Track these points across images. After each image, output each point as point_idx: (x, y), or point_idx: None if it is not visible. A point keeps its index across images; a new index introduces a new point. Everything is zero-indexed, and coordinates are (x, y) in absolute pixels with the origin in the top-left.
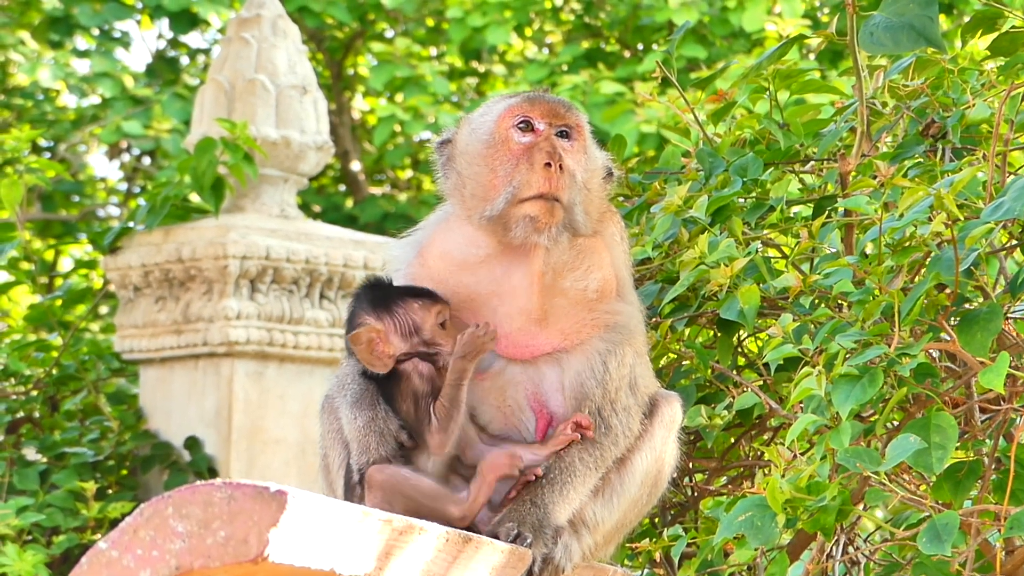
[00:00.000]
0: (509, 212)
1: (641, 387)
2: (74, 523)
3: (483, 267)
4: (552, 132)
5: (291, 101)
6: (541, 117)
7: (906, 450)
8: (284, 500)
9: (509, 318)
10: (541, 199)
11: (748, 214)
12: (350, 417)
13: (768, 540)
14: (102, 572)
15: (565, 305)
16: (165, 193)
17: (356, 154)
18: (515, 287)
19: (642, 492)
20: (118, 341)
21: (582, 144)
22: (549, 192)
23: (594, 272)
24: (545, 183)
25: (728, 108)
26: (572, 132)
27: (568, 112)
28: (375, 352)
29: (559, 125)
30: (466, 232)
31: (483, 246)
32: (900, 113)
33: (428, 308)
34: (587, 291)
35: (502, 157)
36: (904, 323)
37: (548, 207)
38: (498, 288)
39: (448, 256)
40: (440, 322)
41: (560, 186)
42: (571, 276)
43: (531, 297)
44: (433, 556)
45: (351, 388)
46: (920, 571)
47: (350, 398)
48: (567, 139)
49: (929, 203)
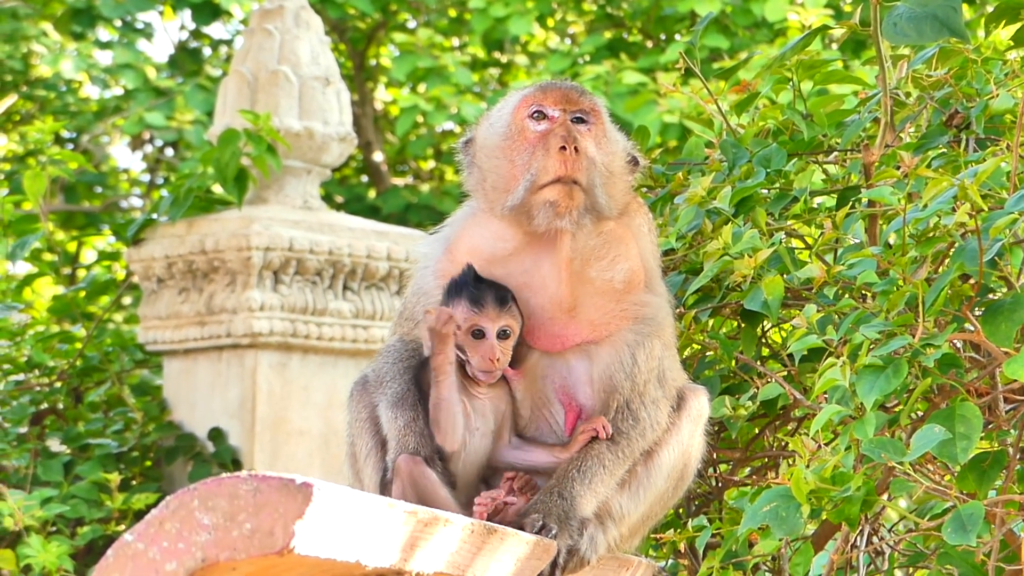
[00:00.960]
0: (530, 200)
1: (669, 380)
2: (98, 514)
3: (512, 260)
4: (567, 118)
5: (314, 92)
6: (554, 104)
7: (931, 440)
8: (310, 492)
9: (541, 309)
10: (559, 183)
11: (772, 205)
12: (390, 416)
13: (793, 530)
14: (128, 564)
15: (593, 294)
16: (188, 184)
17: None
18: (545, 277)
19: (668, 485)
20: (142, 332)
21: (600, 128)
22: (566, 175)
23: (620, 263)
24: (561, 166)
25: (751, 99)
26: (588, 116)
27: (581, 97)
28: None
29: (573, 111)
30: (492, 226)
31: (510, 239)
32: (924, 103)
33: (467, 317)
34: (614, 281)
35: (519, 147)
36: (928, 313)
37: (567, 190)
38: (529, 280)
39: (477, 251)
40: (468, 329)
41: (577, 168)
42: (597, 265)
43: (560, 286)
44: (458, 547)
45: (392, 388)
46: (945, 561)
47: (391, 397)
48: (583, 124)
49: (953, 193)
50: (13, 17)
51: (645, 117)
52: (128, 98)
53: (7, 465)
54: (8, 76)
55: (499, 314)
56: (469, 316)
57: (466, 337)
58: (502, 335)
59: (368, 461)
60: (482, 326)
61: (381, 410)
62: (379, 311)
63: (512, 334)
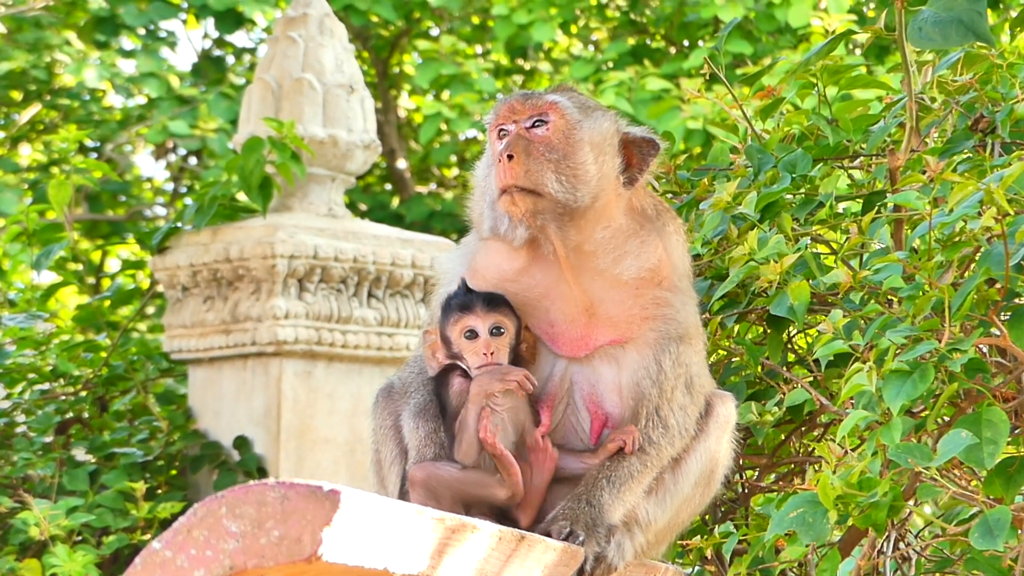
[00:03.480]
0: (495, 218)
1: (697, 386)
2: (124, 523)
3: (523, 276)
4: (521, 127)
5: (338, 100)
6: (506, 120)
7: (957, 445)
8: (337, 499)
9: (562, 314)
10: (504, 194)
11: (797, 210)
12: (412, 426)
13: (819, 536)
14: (156, 572)
15: (604, 288)
16: (213, 193)
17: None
18: (554, 282)
19: (695, 492)
20: (166, 341)
21: (559, 122)
22: (505, 184)
23: (630, 258)
24: (498, 179)
25: (776, 104)
26: (544, 116)
27: (527, 102)
28: (434, 355)
29: (526, 118)
30: (497, 249)
31: (514, 257)
32: (949, 108)
33: (456, 322)
34: (622, 275)
35: (489, 171)
36: (955, 318)
37: (510, 199)
38: (543, 290)
39: (492, 268)
40: (465, 333)
41: (513, 175)
42: (605, 258)
43: (569, 287)
44: (486, 554)
45: (415, 398)
46: (972, 567)
47: (414, 407)
48: (542, 126)
49: (979, 198)
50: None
51: (669, 123)
52: (151, 107)
53: (33, 475)
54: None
55: (488, 312)
56: (459, 320)
57: (461, 340)
58: (495, 332)
59: (392, 468)
60: (472, 326)
61: (404, 419)
62: (404, 318)
63: (506, 332)
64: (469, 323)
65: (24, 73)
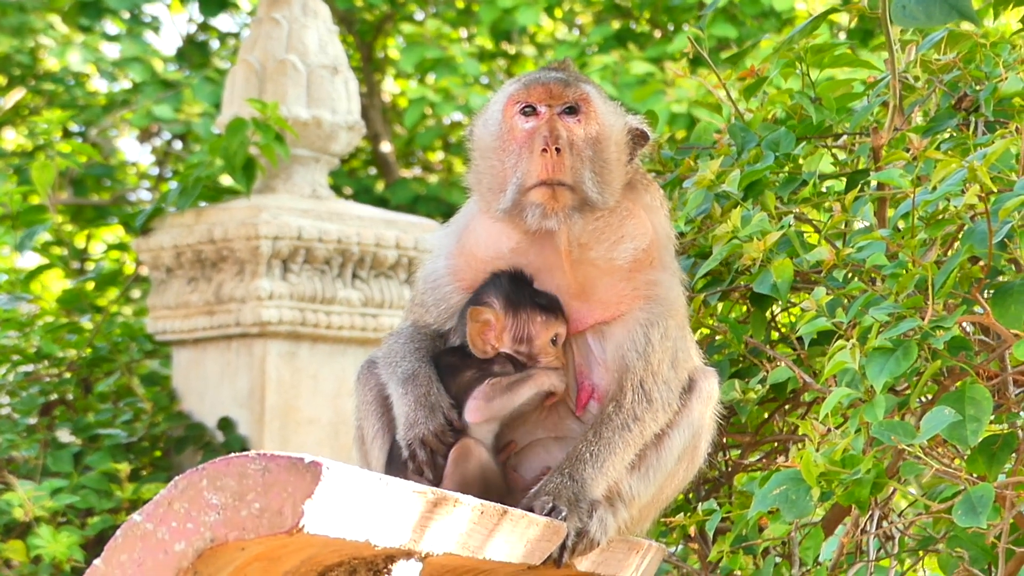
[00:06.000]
0: (519, 201)
1: (682, 360)
2: (108, 505)
3: (516, 255)
4: (554, 113)
5: (322, 81)
6: (540, 100)
7: (940, 423)
8: (319, 471)
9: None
10: (544, 186)
11: (781, 188)
12: (400, 392)
13: (802, 514)
14: (137, 545)
15: (599, 276)
16: (197, 174)
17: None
18: (549, 267)
19: (679, 467)
20: (151, 323)
21: (591, 115)
22: (550, 178)
23: (626, 242)
24: (543, 169)
25: (760, 83)
26: (578, 107)
27: (567, 89)
28: (483, 336)
29: (560, 104)
30: (493, 224)
31: (511, 235)
32: (932, 87)
33: (549, 326)
34: (617, 260)
35: (509, 147)
36: (938, 296)
37: (551, 192)
38: (534, 271)
39: (484, 246)
40: (552, 339)
41: (559, 169)
42: (599, 248)
43: (565, 274)
44: (469, 528)
45: (403, 366)
46: (955, 544)
47: (401, 374)
48: (574, 115)
49: (962, 176)
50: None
51: (653, 107)
52: (136, 91)
53: (17, 456)
54: (16, 70)
55: (565, 320)
56: (552, 325)
57: (547, 345)
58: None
59: (375, 443)
60: (560, 333)
61: (391, 387)
62: (388, 299)
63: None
64: (559, 330)
65: (8, 58)
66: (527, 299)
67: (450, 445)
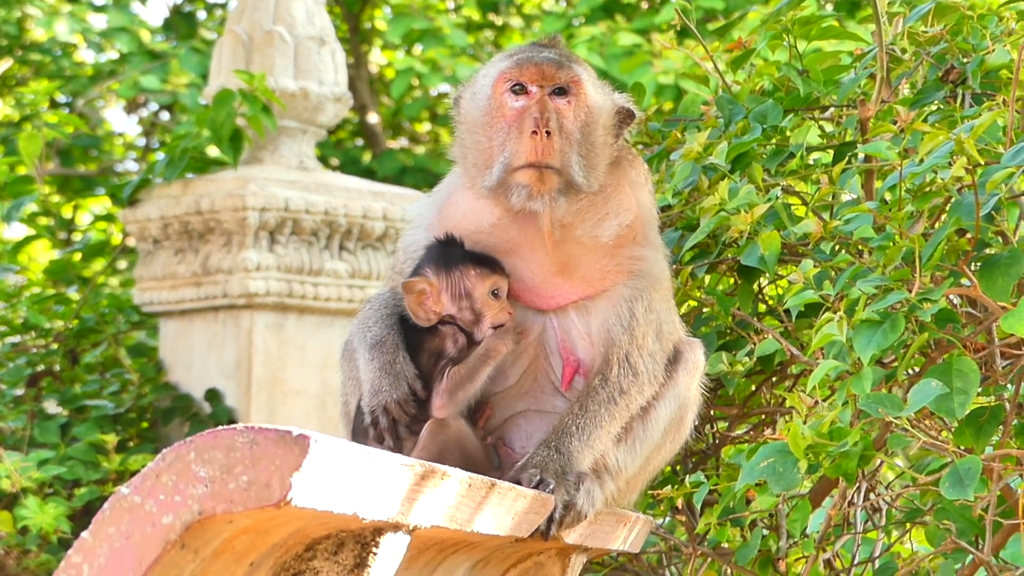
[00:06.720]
0: (505, 180)
1: (666, 333)
2: (95, 476)
3: (498, 229)
4: (544, 93)
5: (309, 52)
6: (532, 80)
7: (928, 395)
8: (307, 444)
9: (531, 272)
10: (531, 168)
11: (768, 161)
12: (367, 358)
13: (790, 486)
14: (124, 517)
15: (583, 253)
16: (184, 145)
17: (374, 108)
18: (531, 243)
19: (665, 438)
20: (137, 294)
21: (582, 99)
22: (538, 161)
23: (611, 219)
24: (532, 152)
25: (747, 55)
26: (569, 88)
27: (559, 71)
28: (423, 305)
29: (552, 85)
30: (475, 199)
31: (492, 211)
32: (919, 59)
33: (484, 277)
34: (601, 238)
35: (497, 125)
36: (925, 268)
37: (538, 175)
38: (515, 247)
39: (466, 218)
40: (492, 291)
41: (548, 153)
42: (583, 226)
43: (546, 251)
44: (457, 501)
45: (373, 331)
46: (942, 517)
47: (370, 340)
48: (564, 96)
49: (949, 148)
50: None
51: (640, 79)
52: (123, 62)
53: (4, 427)
54: (3, 41)
55: (504, 273)
56: (489, 277)
57: (487, 298)
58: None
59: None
60: (499, 286)
61: (359, 353)
62: (375, 271)
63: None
64: (498, 282)
65: None
66: (458, 256)
67: (412, 415)
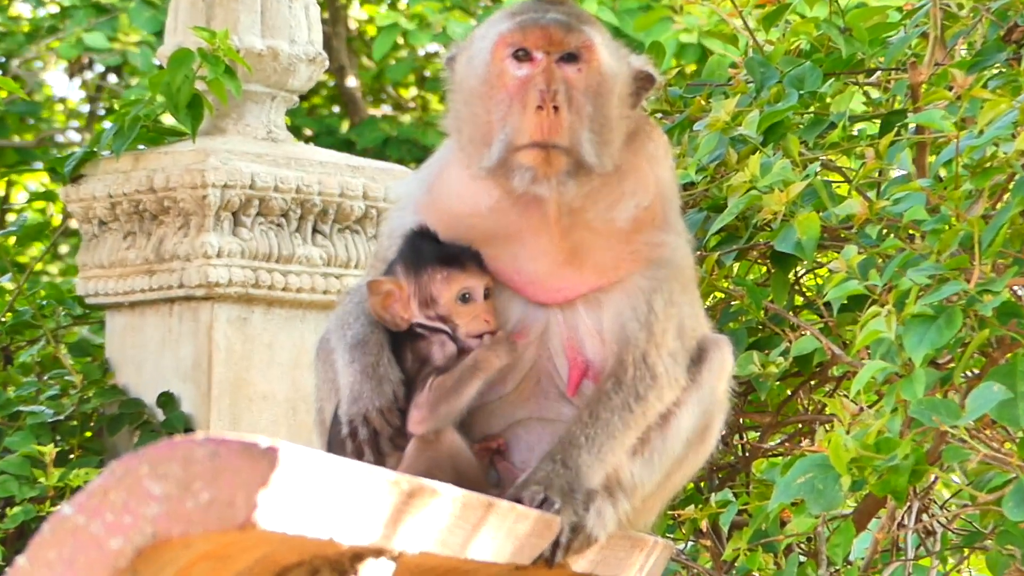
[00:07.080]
0: (507, 160)
1: (689, 329)
2: (31, 493)
3: (494, 214)
4: (551, 61)
5: (279, 7)
6: (537, 46)
7: (989, 401)
8: (275, 457)
9: (533, 260)
10: (536, 147)
11: (805, 132)
12: (346, 360)
13: (831, 505)
14: (67, 540)
15: (594, 240)
16: (134, 113)
17: (353, 70)
18: (535, 228)
19: (687, 450)
20: (81, 283)
21: (595, 66)
22: (544, 140)
23: (626, 200)
24: (537, 130)
25: (781, 11)
26: (580, 54)
27: (568, 34)
28: (389, 309)
29: (560, 51)
30: (470, 178)
31: (491, 192)
32: (978, 16)
33: (450, 280)
34: (617, 221)
35: (497, 95)
36: (985, 255)
37: (544, 156)
38: (516, 231)
39: (459, 198)
40: (461, 295)
41: (556, 130)
42: (595, 209)
43: (552, 238)
44: (449, 523)
45: (353, 328)
46: (1005, 541)
47: (350, 339)
48: (574, 63)
49: (1013, 117)
50: None
51: (659, 37)
52: (64, 17)
53: None
54: None
55: (480, 271)
56: (452, 278)
57: (454, 304)
58: (488, 295)
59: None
60: (469, 288)
61: (338, 353)
62: (354, 257)
63: (492, 294)
64: (466, 284)
65: None
66: (428, 255)
67: (397, 427)
